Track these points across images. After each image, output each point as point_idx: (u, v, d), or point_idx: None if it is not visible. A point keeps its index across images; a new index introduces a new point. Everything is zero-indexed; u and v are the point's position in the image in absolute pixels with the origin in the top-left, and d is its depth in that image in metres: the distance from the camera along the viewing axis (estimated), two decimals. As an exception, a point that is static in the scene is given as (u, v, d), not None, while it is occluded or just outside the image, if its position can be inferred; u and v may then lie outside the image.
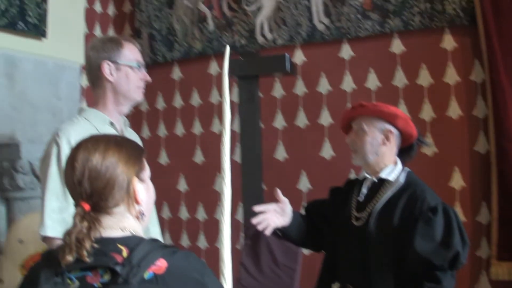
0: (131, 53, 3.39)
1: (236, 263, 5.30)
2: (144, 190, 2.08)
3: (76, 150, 1.99)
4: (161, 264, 1.86)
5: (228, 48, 2.53)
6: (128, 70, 3.35)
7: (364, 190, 3.54)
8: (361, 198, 3.53)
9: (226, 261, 2.01)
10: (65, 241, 1.87)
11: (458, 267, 3.18)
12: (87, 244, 1.83)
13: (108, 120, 3.36)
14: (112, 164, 1.94)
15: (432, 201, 3.28)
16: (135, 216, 2.05)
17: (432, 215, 3.19)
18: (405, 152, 3.60)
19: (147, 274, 1.83)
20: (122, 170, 1.96)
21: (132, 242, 1.91)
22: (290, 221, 3.74)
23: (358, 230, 3.44)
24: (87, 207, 1.92)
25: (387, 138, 3.46)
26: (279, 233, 3.83)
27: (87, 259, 1.83)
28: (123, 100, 3.39)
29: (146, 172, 2.12)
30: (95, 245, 1.87)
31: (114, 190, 1.94)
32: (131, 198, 2.01)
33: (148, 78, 3.46)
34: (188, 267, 1.92)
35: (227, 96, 2.38)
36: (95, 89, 3.44)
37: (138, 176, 2.04)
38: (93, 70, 3.39)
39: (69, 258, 1.83)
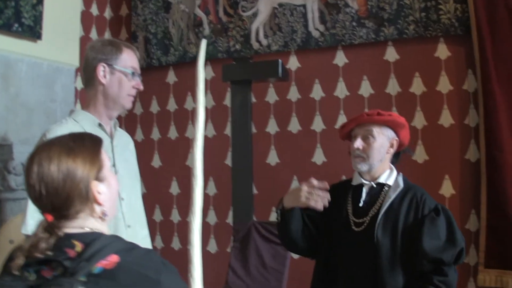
0: (128, 60, 3.31)
1: (225, 266, 5.31)
2: (106, 188, 2.02)
3: (29, 165, 1.94)
4: (112, 259, 1.82)
5: (204, 41, 2.45)
6: (122, 76, 3.27)
7: (364, 196, 3.51)
8: (361, 203, 3.50)
9: (195, 264, 1.92)
10: (23, 246, 1.88)
11: (461, 261, 3.33)
12: (42, 246, 1.83)
13: (97, 122, 3.29)
14: (69, 176, 1.90)
15: (432, 203, 3.38)
16: (98, 217, 2.00)
17: (436, 215, 3.30)
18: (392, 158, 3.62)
19: (96, 269, 1.79)
20: (80, 179, 1.91)
21: (89, 238, 1.88)
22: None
23: (361, 235, 3.42)
24: (50, 218, 1.90)
25: (391, 146, 3.51)
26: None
27: (40, 255, 1.82)
28: (112, 105, 3.31)
29: (106, 168, 2.05)
30: (53, 243, 1.87)
31: (74, 201, 1.90)
32: (92, 202, 1.96)
33: (141, 87, 3.37)
34: (143, 264, 1.86)
35: (202, 95, 2.29)
36: (87, 89, 3.36)
37: (97, 177, 1.98)
38: (88, 70, 3.31)
39: (19, 261, 1.84)
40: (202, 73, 2.27)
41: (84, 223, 1.95)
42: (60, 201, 1.89)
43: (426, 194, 3.45)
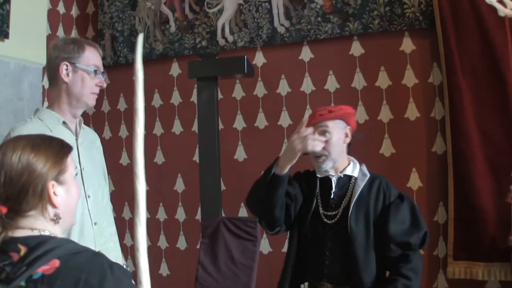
0: (91, 58, 3.29)
1: (195, 262, 5.26)
2: (64, 192, 2.00)
3: None
4: (52, 265, 1.79)
5: (141, 36, 2.41)
6: (85, 74, 3.26)
7: (334, 188, 3.54)
8: (332, 195, 3.53)
9: (142, 267, 1.84)
10: None
11: (426, 245, 3.44)
12: None
13: (61, 120, 3.26)
14: (27, 169, 1.89)
15: (395, 190, 3.55)
16: (50, 219, 1.97)
17: (400, 201, 3.44)
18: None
19: (36, 274, 1.77)
20: (37, 174, 1.90)
21: (34, 241, 1.85)
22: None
23: (335, 227, 3.45)
24: (4, 210, 1.88)
25: (346, 135, 3.54)
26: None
27: None
28: (75, 103, 3.29)
29: (68, 173, 2.03)
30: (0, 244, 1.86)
31: (28, 195, 1.89)
32: (45, 201, 1.94)
33: (104, 85, 3.36)
34: (85, 269, 1.81)
35: (141, 93, 2.25)
36: (51, 87, 3.34)
37: (57, 179, 1.97)
38: (51, 69, 3.29)
39: None
40: (140, 70, 2.24)
41: (34, 223, 1.93)
42: (14, 192, 1.87)
43: (389, 182, 3.58)
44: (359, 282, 3.32)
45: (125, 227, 6.72)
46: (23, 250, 1.82)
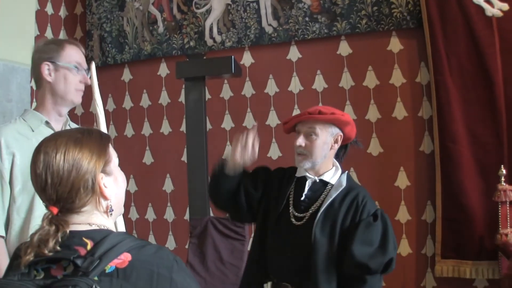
0: (71, 55, 3.21)
1: (184, 262, 5.19)
2: (113, 183, 1.96)
3: (36, 154, 1.87)
4: (124, 258, 1.77)
5: (93, 64, 2.41)
6: (67, 72, 3.17)
7: (306, 190, 3.42)
8: (303, 197, 3.41)
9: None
10: (31, 241, 1.78)
11: (389, 271, 3.18)
12: (51, 243, 1.75)
13: (44, 120, 3.19)
14: (75, 166, 1.83)
15: (372, 207, 3.29)
16: (104, 211, 1.94)
17: (373, 221, 3.20)
18: (339, 150, 3.53)
19: (109, 268, 1.74)
20: (86, 169, 1.84)
21: (98, 235, 1.82)
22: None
23: (300, 230, 3.32)
24: (55, 210, 1.82)
25: (336, 142, 3.40)
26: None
27: (48, 253, 1.74)
28: (60, 101, 3.21)
29: (113, 163, 1.98)
30: (60, 240, 1.79)
31: (79, 192, 1.83)
32: (98, 195, 1.89)
33: (88, 81, 3.25)
34: (155, 262, 1.80)
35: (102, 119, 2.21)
36: (37, 89, 3.28)
37: (104, 170, 1.91)
38: (35, 71, 3.23)
39: (29, 257, 1.74)
40: (98, 97, 2.19)
41: (90, 218, 1.89)
42: (65, 191, 1.82)
43: (368, 198, 3.34)
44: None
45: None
46: (89, 243, 1.79)
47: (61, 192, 1.82)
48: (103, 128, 2.68)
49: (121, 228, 2.73)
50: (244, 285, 3.52)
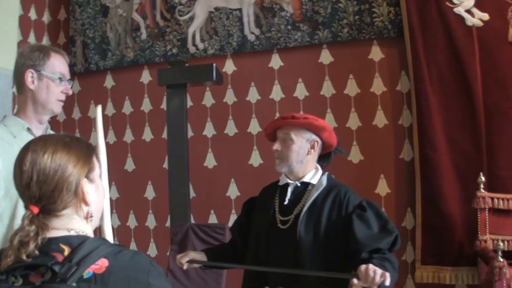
0: (56, 65, 3.16)
1: (164, 269, 5.13)
2: (94, 191, 1.95)
3: (24, 152, 1.86)
4: (102, 264, 1.75)
5: (99, 108, 2.65)
6: (50, 82, 3.12)
7: (289, 194, 3.45)
8: (286, 202, 3.44)
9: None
10: (11, 244, 1.77)
11: (396, 248, 3.23)
12: (31, 246, 1.73)
13: (26, 126, 3.12)
14: (61, 167, 1.82)
15: (356, 200, 3.32)
16: (84, 217, 1.92)
17: (362, 211, 3.22)
18: (323, 158, 3.58)
19: (86, 273, 1.73)
20: (71, 172, 1.84)
21: (76, 241, 1.80)
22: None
23: (286, 232, 3.35)
24: (35, 210, 1.80)
25: (312, 147, 3.42)
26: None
27: (26, 259, 1.72)
28: (41, 110, 3.16)
29: (96, 172, 1.98)
30: (40, 244, 1.77)
31: (62, 193, 1.82)
32: (79, 200, 1.88)
33: (70, 92, 3.21)
34: (132, 266, 1.79)
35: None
36: (18, 94, 3.21)
37: (87, 176, 1.91)
38: (18, 76, 3.16)
39: (8, 260, 1.73)
40: (102, 142, 2.19)
41: (69, 223, 1.87)
42: (48, 190, 1.80)
43: (351, 192, 3.38)
44: None
45: (95, 234, 6.54)
46: (66, 250, 1.77)
47: (45, 190, 1.80)
48: (104, 168, 2.66)
49: (109, 236, 2.68)
50: None
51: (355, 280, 2.89)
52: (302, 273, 3.16)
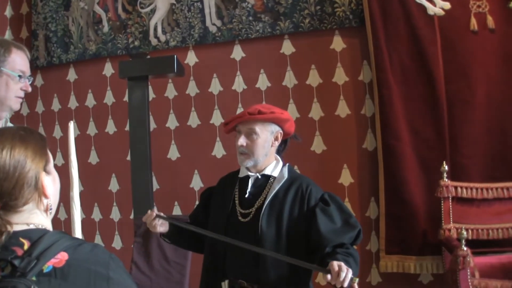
0: (17, 63, 3.02)
1: (129, 261, 4.94)
2: (51, 182, 1.86)
3: None
4: (61, 257, 1.67)
5: (71, 124, 2.58)
6: (9, 79, 3.00)
7: (250, 186, 3.34)
8: (247, 195, 3.33)
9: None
10: None
11: (357, 243, 3.17)
12: None
13: None
14: (20, 163, 1.75)
15: (318, 193, 3.24)
16: (44, 210, 1.83)
17: (325, 205, 3.15)
18: (279, 146, 3.47)
19: (46, 267, 1.65)
20: (30, 167, 1.76)
21: (35, 235, 1.72)
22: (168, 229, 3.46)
23: (246, 225, 3.24)
24: None
25: (276, 139, 3.33)
26: (165, 239, 3.57)
27: None
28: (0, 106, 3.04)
29: (51, 163, 1.89)
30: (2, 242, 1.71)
31: (23, 189, 1.75)
32: (39, 194, 1.79)
33: (29, 89, 3.07)
34: (92, 259, 1.71)
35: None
36: None
37: (45, 169, 1.82)
38: None
39: None
40: (73, 158, 2.42)
41: (30, 217, 1.78)
42: (9, 187, 1.72)
43: (313, 185, 3.28)
44: (267, 282, 3.14)
45: (59, 228, 6.28)
46: (26, 243, 1.69)
47: (6, 188, 1.71)
48: (75, 183, 2.65)
49: (78, 230, 2.55)
50: (203, 285, 3.42)
51: (328, 276, 2.73)
52: (273, 256, 3.05)
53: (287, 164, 3.38)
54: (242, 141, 3.25)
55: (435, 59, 4.98)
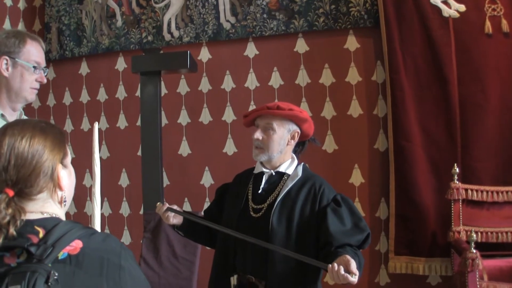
0: (32, 53, 3.07)
1: (137, 257, 5.00)
2: (67, 176, 1.93)
3: (2, 136, 1.84)
4: (76, 245, 1.74)
5: (96, 124, 2.66)
6: (24, 70, 3.06)
7: (263, 183, 3.39)
8: (260, 190, 3.39)
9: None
10: None
11: (365, 247, 3.21)
12: (11, 229, 1.72)
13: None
14: (38, 152, 1.81)
15: (330, 194, 3.27)
16: (58, 201, 1.90)
17: (337, 206, 3.18)
18: (296, 146, 3.52)
19: (61, 254, 1.71)
20: (48, 157, 1.82)
21: (50, 223, 1.78)
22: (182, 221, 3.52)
23: (258, 221, 3.29)
24: (11, 193, 1.78)
25: (292, 138, 3.37)
26: (178, 232, 3.59)
27: (3, 241, 1.72)
28: (15, 97, 3.09)
29: (69, 158, 1.96)
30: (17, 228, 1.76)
31: (39, 177, 1.81)
32: (54, 184, 1.86)
33: (44, 80, 3.13)
34: (105, 248, 1.78)
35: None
36: None
37: (62, 162, 1.89)
38: None
39: None
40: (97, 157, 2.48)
41: (44, 206, 1.85)
42: (26, 173, 1.79)
43: (326, 185, 3.32)
44: (275, 279, 3.19)
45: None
46: (41, 231, 1.74)
47: (23, 174, 1.78)
48: (97, 180, 2.71)
49: (98, 225, 2.60)
50: (212, 279, 3.46)
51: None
52: (281, 251, 3.07)
53: (302, 163, 3.43)
54: (258, 135, 3.30)
55: (449, 62, 5.01)
